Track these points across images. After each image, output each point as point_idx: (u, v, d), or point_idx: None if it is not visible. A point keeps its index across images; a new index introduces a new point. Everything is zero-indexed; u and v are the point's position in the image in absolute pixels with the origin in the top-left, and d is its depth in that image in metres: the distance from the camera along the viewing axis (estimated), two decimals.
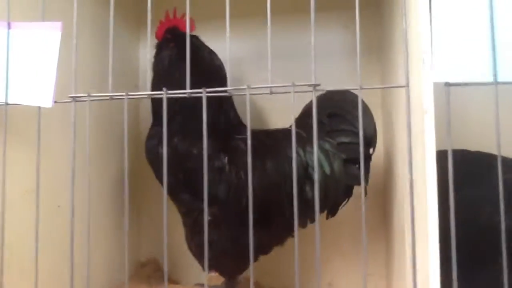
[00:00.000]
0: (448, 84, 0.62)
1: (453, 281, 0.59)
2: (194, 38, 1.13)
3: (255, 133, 1.13)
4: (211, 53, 1.15)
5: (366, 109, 1.08)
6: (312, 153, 1.04)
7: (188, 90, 0.70)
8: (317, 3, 1.32)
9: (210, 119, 0.72)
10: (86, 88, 0.76)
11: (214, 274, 1.34)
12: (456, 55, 0.62)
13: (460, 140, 0.72)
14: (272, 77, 1.06)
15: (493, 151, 0.63)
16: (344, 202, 1.09)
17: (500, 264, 0.63)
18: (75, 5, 0.74)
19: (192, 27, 1.15)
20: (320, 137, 1.03)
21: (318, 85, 0.67)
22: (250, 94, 0.70)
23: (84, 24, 1.13)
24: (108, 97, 0.73)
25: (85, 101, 0.73)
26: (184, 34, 1.11)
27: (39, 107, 0.75)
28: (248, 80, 1.14)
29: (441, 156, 0.64)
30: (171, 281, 1.38)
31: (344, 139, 1.05)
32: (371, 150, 1.06)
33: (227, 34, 0.71)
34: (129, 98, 0.71)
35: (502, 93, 0.60)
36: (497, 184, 0.61)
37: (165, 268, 0.71)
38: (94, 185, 1.06)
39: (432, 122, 0.63)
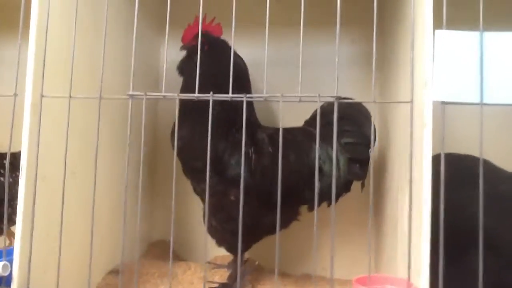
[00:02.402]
0: (444, 103, 0.77)
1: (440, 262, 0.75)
2: (225, 43, 1.24)
3: (276, 130, 1.27)
4: (240, 57, 1.27)
5: (367, 115, 1.24)
6: (323, 148, 1.20)
7: (230, 95, 0.84)
8: (327, 18, 1.47)
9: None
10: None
11: (220, 255, 1.50)
12: (452, 80, 0.77)
13: (451, 147, 0.87)
14: (279, 84, 1.21)
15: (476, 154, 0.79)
16: (344, 193, 1.26)
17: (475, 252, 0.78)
18: (136, 7, 0.87)
19: (220, 32, 1.27)
20: (329, 137, 1.18)
21: (340, 96, 0.82)
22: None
23: (115, 25, 1.22)
24: (161, 96, 0.86)
25: (141, 98, 0.86)
26: (216, 38, 1.26)
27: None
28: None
29: (434, 159, 0.80)
30: (180, 259, 1.52)
31: (349, 140, 1.20)
32: (371, 150, 1.22)
33: (266, 41, 0.85)
34: (179, 98, 0.85)
35: (486, 112, 0.76)
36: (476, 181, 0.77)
37: None
38: (119, 170, 1.20)
39: (430, 133, 0.79)
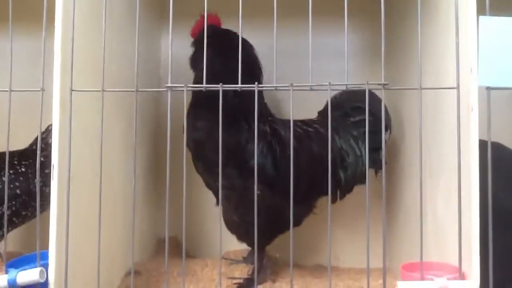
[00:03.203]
0: (489, 88, 0.79)
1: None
2: (233, 34, 1.19)
3: (294, 122, 1.26)
4: (249, 44, 1.23)
5: (380, 103, 1.25)
6: (345, 138, 1.20)
7: (274, 85, 0.83)
8: (329, 8, 1.48)
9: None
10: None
11: (232, 250, 1.48)
12: (496, 65, 0.79)
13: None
14: (283, 73, 1.19)
15: None
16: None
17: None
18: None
19: (219, 23, 1.25)
20: (348, 126, 1.19)
21: (387, 83, 0.82)
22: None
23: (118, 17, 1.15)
24: (202, 88, 0.83)
25: (182, 90, 0.82)
26: (220, 30, 1.22)
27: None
28: None
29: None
30: (189, 256, 1.49)
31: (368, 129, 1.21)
32: (387, 137, 1.23)
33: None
34: (223, 89, 0.82)
35: None
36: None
37: None
38: (127, 168, 1.16)
39: (476, 118, 0.80)
